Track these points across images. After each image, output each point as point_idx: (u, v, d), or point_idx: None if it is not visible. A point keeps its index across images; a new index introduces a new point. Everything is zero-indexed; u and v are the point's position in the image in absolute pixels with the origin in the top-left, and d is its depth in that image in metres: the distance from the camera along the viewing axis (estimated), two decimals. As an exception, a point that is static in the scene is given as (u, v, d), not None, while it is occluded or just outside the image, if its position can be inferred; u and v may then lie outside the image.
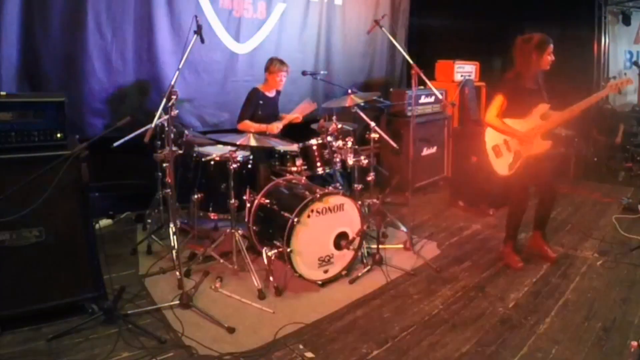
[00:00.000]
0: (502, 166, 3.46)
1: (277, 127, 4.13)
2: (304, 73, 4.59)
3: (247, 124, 4.09)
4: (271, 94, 4.31)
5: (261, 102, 4.18)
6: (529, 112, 3.34)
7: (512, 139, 3.40)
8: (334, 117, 3.83)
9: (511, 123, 3.35)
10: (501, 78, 3.45)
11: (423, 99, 5.57)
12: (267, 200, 3.44)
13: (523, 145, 3.37)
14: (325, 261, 3.28)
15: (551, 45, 3.22)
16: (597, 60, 6.69)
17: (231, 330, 2.72)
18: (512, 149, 3.41)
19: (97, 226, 3.06)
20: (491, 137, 3.48)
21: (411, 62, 3.72)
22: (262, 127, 4.08)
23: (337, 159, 3.71)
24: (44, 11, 3.72)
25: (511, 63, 3.40)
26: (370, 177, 4.01)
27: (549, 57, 3.24)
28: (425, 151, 5.63)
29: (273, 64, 4.18)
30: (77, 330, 2.62)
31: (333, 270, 3.34)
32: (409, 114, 5.09)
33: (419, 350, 2.62)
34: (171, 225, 3.42)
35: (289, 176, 3.69)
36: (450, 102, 5.70)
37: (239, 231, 3.45)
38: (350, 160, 3.75)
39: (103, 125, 4.14)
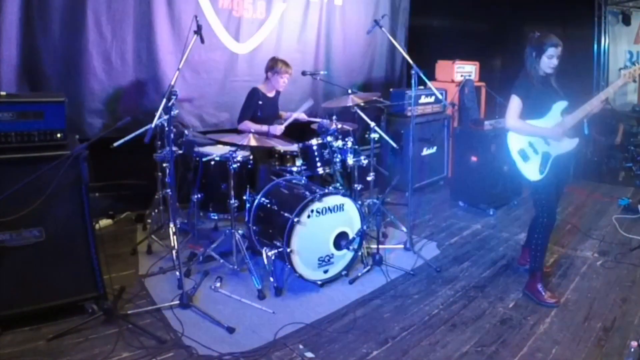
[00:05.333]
0: (532, 171, 3.15)
1: (279, 129, 4.06)
2: (303, 73, 4.57)
3: (248, 124, 4.07)
4: (271, 94, 4.29)
5: (260, 102, 4.14)
6: (548, 109, 3.12)
7: (537, 140, 3.16)
8: (334, 117, 3.83)
9: (533, 124, 3.12)
10: (516, 77, 3.17)
11: (423, 99, 5.57)
12: (267, 200, 3.44)
13: (551, 144, 3.15)
14: (325, 261, 3.28)
15: (553, 48, 2.97)
16: (597, 60, 6.68)
17: (231, 330, 2.72)
18: (539, 151, 3.16)
19: (97, 226, 3.06)
20: (515, 142, 3.21)
21: (411, 62, 3.72)
22: (264, 127, 4.04)
23: (337, 159, 3.71)
24: (44, 11, 3.72)
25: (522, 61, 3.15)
26: (370, 177, 4.01)
27: (548, 60, 3.01)
28: (425, 151, 5.63)
29: (279, 65, 4.10)
30: (77, 330, 2.62)
31: (333, 270, 3.35)
32: (409, 114, 5.09)
33: (419, 350, 2.62)
34: (171, 225, 3.42)
35: (289, 176, 3.69)
36: (450, 102, 5.72)
37: (239, 231, 3.45)
38: (350, 160, 3.75)
39: (103, 125, 4.13)
